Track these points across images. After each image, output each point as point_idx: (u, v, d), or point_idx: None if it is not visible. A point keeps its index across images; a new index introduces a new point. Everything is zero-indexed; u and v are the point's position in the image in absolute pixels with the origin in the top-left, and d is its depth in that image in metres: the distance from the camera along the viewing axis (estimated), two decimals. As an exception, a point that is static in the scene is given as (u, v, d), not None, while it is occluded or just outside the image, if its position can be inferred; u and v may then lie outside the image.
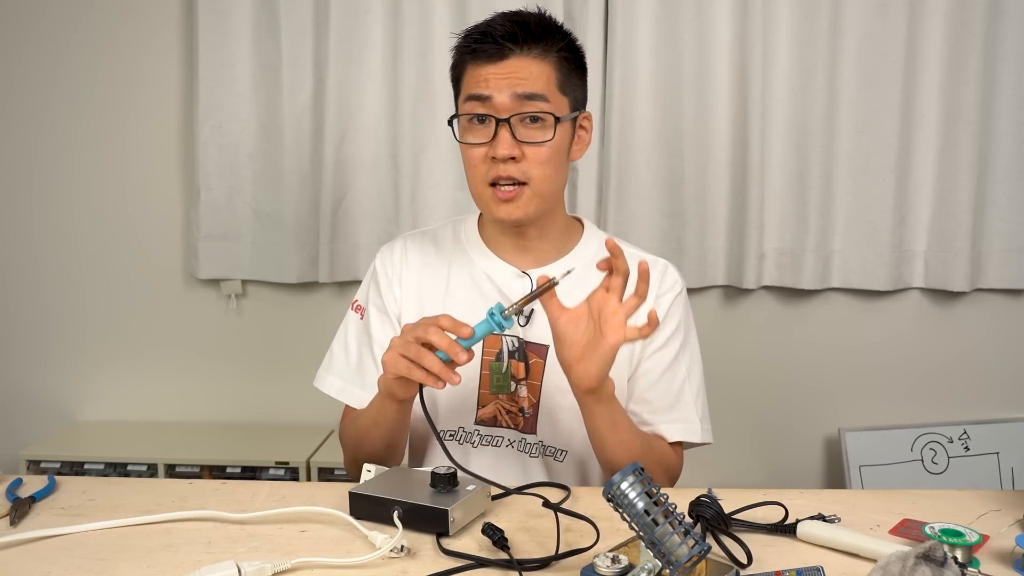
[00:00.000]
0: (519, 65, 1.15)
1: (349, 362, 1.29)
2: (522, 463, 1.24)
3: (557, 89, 1.18)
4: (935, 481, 2.28)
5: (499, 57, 1.15)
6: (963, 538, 0.88)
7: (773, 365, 2.38)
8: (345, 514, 0.98)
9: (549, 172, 1.18)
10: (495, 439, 1.25)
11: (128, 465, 2.18)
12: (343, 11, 2.21)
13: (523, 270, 1.26)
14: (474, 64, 1.17)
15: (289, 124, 2.27)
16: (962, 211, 2.24)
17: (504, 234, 1.26)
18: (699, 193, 2.25)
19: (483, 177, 1.18)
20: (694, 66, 2.22)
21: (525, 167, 1.16)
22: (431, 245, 1.31)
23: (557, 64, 1.18)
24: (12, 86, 2.37)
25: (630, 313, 1.04)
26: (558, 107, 1.18)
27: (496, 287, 1.25)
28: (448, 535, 0.95)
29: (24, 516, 1.01)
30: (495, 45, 1.15)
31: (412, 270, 1.29)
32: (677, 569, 0.77)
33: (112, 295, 2.42)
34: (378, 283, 1.30)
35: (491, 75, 1.15)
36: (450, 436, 1.26)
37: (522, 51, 1.16)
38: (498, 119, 1.15)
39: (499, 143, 1.15)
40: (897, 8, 2.19)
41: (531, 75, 1.15)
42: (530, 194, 1.18)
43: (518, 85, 1.15)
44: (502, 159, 1.15)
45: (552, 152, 1.17)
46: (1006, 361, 2.37)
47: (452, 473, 0.99)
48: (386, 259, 1.31)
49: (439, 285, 1.28)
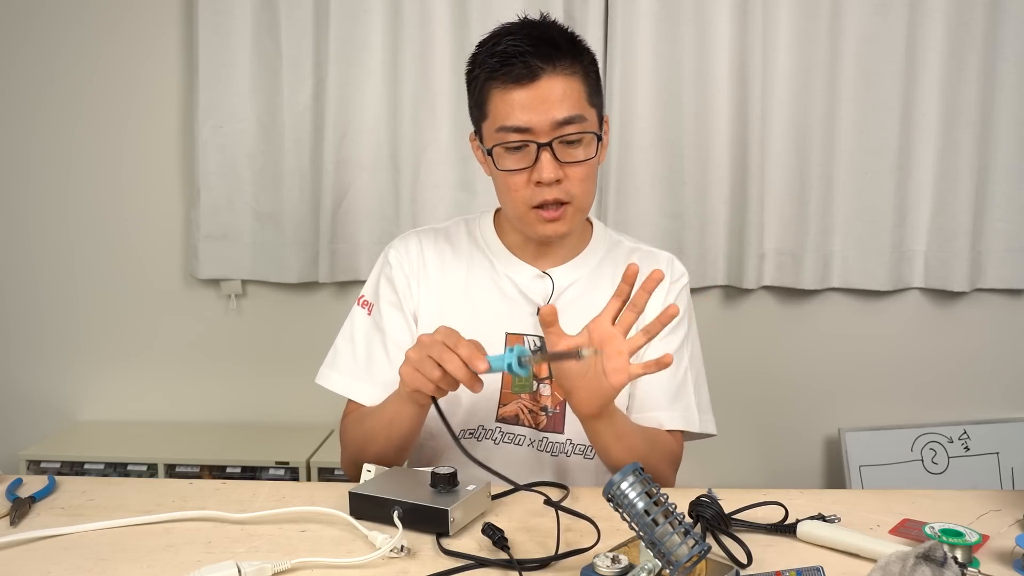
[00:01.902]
0: (551, 87, 1.12)
1: (356, 359, 1.26)
2: (539, 462, 1.24)
3: (588, 103, 1.16)
4: (935, 481, 2.28)
5: (529, 80, 1.11)
6: (963, 538, 0.88)
7: (773, 365, 2.38)
8: (345, 514, 0.98)
9: (589, 187, 1.18)
10: (516, 437, 1.24)
11: (128, 465, 2.18)
12: (343, 11, 2.21)
13: (543, 270, 1.26)
14: (503, 88, 1.13)
15: (289, 124, 2.27)
16: (962, 211, 2.24)
17: (528, 241, 1.26)
18: (699, 193, 2.25)
19: (527, 201, 1.16)
20: (694, 66, 2.22)
21: (568, 187, 1.15)
22: (446, 244, 1.30)
23: (584, 78, 1.16)
24: (11, 86, 2.36)
25: (635, 351, 1.04)
26: (592, 122, 1.16)
27: (517, 288, 1.25)
28: (448, 535, 0.95)
29: (24, 516, 1.01)
30: (525, 68, 1.11)
31: (430, 268, 1.28)
32: (677, 569, 0.77)
33: (112, 295, 2.42)
34: (392, 279, 1.28)
35: (525, 101, 1.12)
36: (469, 434, 1.25)
37: (553, 69, 1.12)
38: (539, 144, 1.13)
39: (543, 168, 1.13)
40: (897, 8, 2.19)
41: (565, 96, 1.12)
42: (573, 211, 1.18)
43: (555, 110, 1.11)
44: (547, 183, 1.14)
45: (591, 168, 1.17)
46: (1006, 361, 2.37)
47: (452, 473, 0.99)
48: (402, 255, 1.28)
49: (458, 284, 1.27)
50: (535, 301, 1.24)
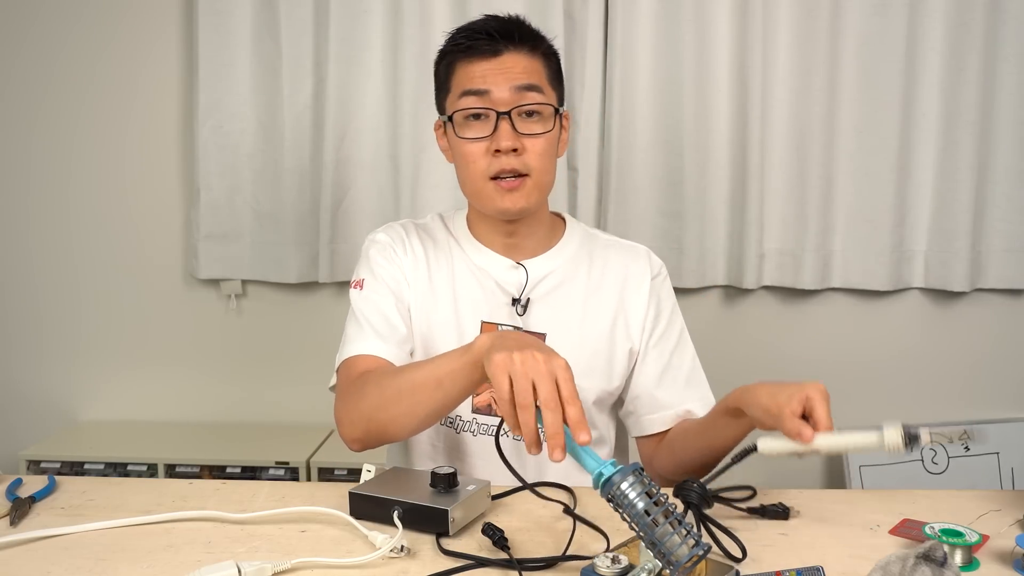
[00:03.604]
0: (514, 60, 1.18)
1: (375, 328, 1.20)
2: (519, 453, 1.24)
3: (548, 83, 1.21)
4: (935, 481, 2.28)
5: (493, 53, 1.18)
6: (963, 538, 0.88)
7: (773, 365, 2.38)
8: (345, 514, 0.98)
9: (547, 164, 1.21)
10: (491, 428, 1.23)
11: (128, 465, 2.18)
12: (343, 11, 2.21)
13: (517, 262, 1.27)
14: (467, 61, 1.19)
15: (289, 124, 2.27)
16: (962, 211, 2.24)
17: (495, 231, 1.27)
18: (699, 193, 2.25)
19: (484, 172, 1.19)
20: (694, 66, 2.22)
21: (526, 159, 1.18)
22: (426, 235, 1.32)
23: (544, 60, 1.22)
24: (10, 86, 2.36)
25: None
26: (552, 99, 1.21)
27: (493, 279, 1.26)
28: (448, 535, 0.95)
29: (24, 516, 1.01)
30: (489, 42, 1.18)
31: (417, 254, 1.28)
32: (677, 569, 0.77)
33: (112, 295, 2.42)
34: (383, 249, 1.26)
35: (487, 71, 1.18)
36: (449, 424, 1.25)
37: (516, 47, 1.19)
38: (499, 112, 1.16)
39: (501, 135, 1.16)
40: (897, 8, 2.19)
41: (526, 69, 1.18)
42: (531, 185, 1.20)
43: (516, 78, 1.17)
44: (505, 151, 1.16)
45: (549, 144, 1.20)
46: (1006, 361, 2.37)
47: (452, 473, 0.99)
48: (392, 236, 1.29)
49: (443, 272, 1.27)
50: (510, 292, 1.25)
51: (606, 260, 1.30)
